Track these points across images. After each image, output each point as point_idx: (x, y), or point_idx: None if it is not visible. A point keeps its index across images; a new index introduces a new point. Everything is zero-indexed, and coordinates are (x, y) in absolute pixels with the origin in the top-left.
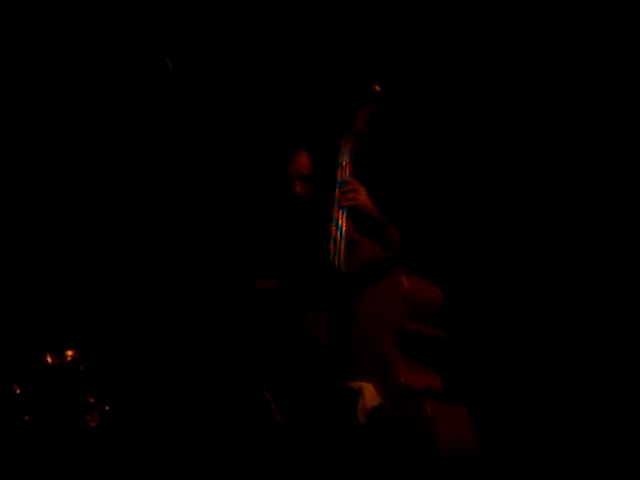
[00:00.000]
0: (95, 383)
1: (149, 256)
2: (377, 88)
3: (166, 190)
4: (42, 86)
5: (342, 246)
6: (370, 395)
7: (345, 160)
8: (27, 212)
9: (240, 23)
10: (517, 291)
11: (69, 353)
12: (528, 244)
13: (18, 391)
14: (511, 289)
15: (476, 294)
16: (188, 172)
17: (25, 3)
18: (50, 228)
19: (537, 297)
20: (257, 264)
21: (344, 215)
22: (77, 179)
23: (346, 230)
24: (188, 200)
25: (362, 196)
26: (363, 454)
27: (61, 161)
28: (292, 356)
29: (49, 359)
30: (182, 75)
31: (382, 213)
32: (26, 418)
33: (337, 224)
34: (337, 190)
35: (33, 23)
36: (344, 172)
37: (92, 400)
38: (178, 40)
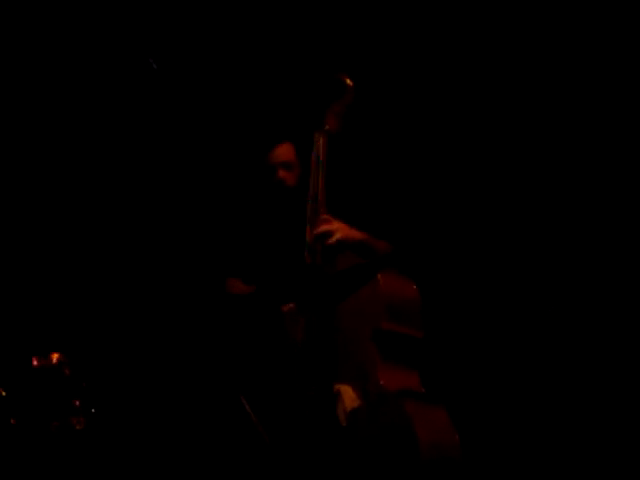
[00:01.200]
0: (81, 386)
1: (132, 259)
2: (348, 81)
3: (149, 188)
4: (30, 88)
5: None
6: (349, 397)
7: (319, 156)
8: (12, 216)
9: (220, 20)
10: (498, 289)
11: (55, 356)
12: (506, 242)
13: (4, 394)
14: (492, 287)
15: (457, 292)
16: (170, 169)
17: (17, 7)
18: (36, 232)
19: (518, 295)
20: (237, 260)
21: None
22: (60, 184)
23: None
24: (169, 198)
25: (341, 231)
26: (345, 456)
27: (41, 167)
28: (270, 362)
29: (35, 362)
30: (162, 74)
31: (363, 224)
32: (12, 421)
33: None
34: (308, 205)
35: (24, 27)
36: (317, 175)
37: (78, 403)
38: (158, 41)
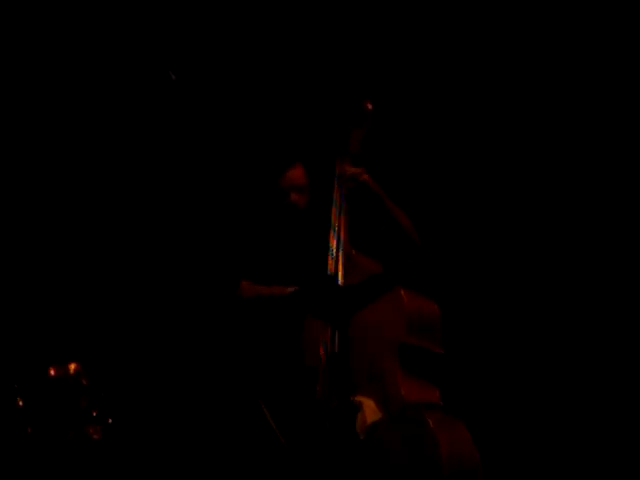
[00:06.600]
0: (98, 396)
1: (149, 268)
2: (369, 106)
3: (162, 199)
4: (50, 93)
5: (341, 258)
6: (370, 410)
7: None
8: (29, 223)
9: (238, 33)
10: (516, 306)
11: (72, 366)
12: (524, 258)
13: (21, 403)
14: (510, 303)
15: (475, 308)
16: (185, 180)
17: (40, 18)
18: (56, 242)
19: (536, 311)
20: (251, 274)
21: (343, 220)
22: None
23: (345, 239)
24: (184, 209)
25: (364, 175)
26: (364, 470)
27: (62, 172)
28: (292, 370)
29: (52, 372)
30: (182, 88)
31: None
32: (29, 430)
33: (336, 233)
34: (335, 186)
35: (45, 36)
36: (339, 195)
37: (95, 413)
38: (178, 54)
